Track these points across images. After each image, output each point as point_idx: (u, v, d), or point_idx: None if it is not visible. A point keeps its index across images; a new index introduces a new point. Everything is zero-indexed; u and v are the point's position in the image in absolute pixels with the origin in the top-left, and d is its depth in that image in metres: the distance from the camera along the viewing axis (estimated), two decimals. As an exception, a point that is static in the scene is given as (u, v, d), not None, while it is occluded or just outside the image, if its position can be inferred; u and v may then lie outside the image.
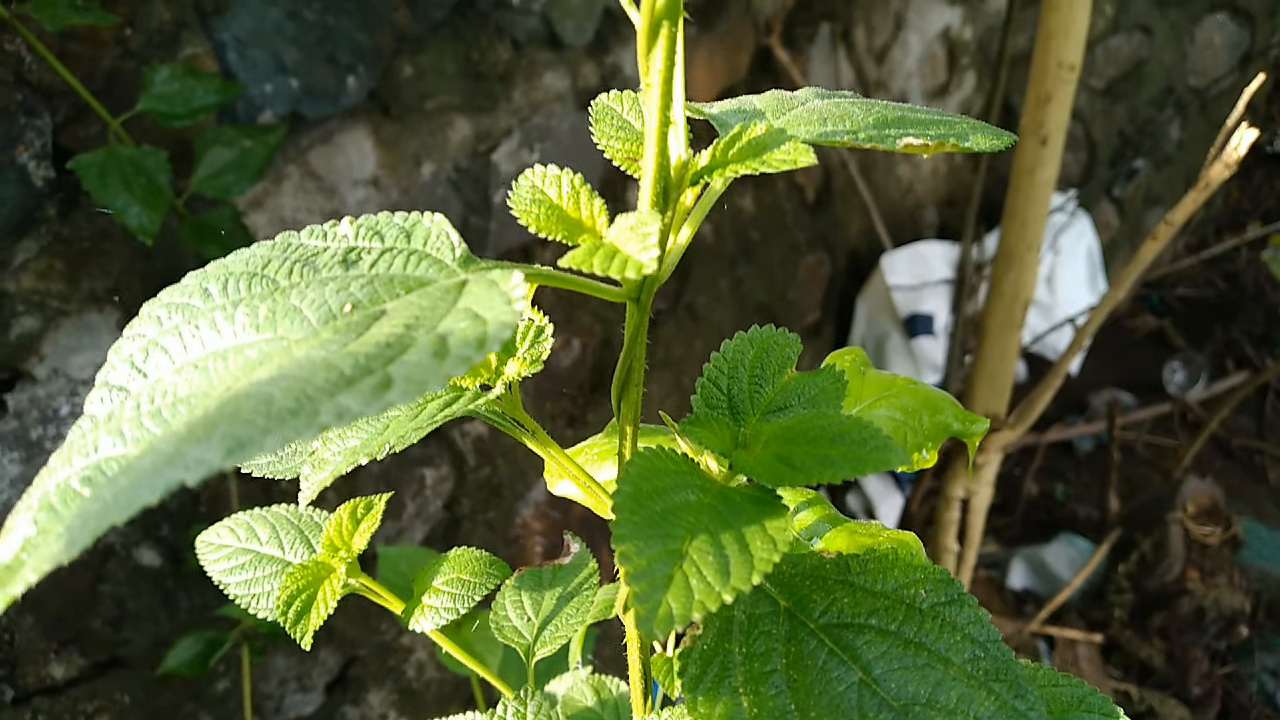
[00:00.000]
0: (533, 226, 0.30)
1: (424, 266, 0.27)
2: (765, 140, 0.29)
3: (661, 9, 0.26)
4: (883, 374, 0.51)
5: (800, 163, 0.28)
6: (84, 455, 0.23)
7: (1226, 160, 1.23)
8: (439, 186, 1.46)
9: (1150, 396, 2.97)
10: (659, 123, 0.28)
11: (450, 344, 0.22)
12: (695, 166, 0.30)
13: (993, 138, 0.33)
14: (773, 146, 0.29)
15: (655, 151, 0.28)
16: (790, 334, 0.36)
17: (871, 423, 0.30)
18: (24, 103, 1.05)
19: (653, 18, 0.26)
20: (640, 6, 0.26)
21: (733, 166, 0.29)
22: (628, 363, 0.33)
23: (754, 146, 0.29)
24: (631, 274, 0.26)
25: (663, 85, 0.27)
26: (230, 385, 0.22)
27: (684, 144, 0.30)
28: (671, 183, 0.30)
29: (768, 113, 0.35)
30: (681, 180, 0.30)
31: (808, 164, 0.28)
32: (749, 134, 0.30)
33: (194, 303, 0.26)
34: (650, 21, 0.26)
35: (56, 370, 1.15)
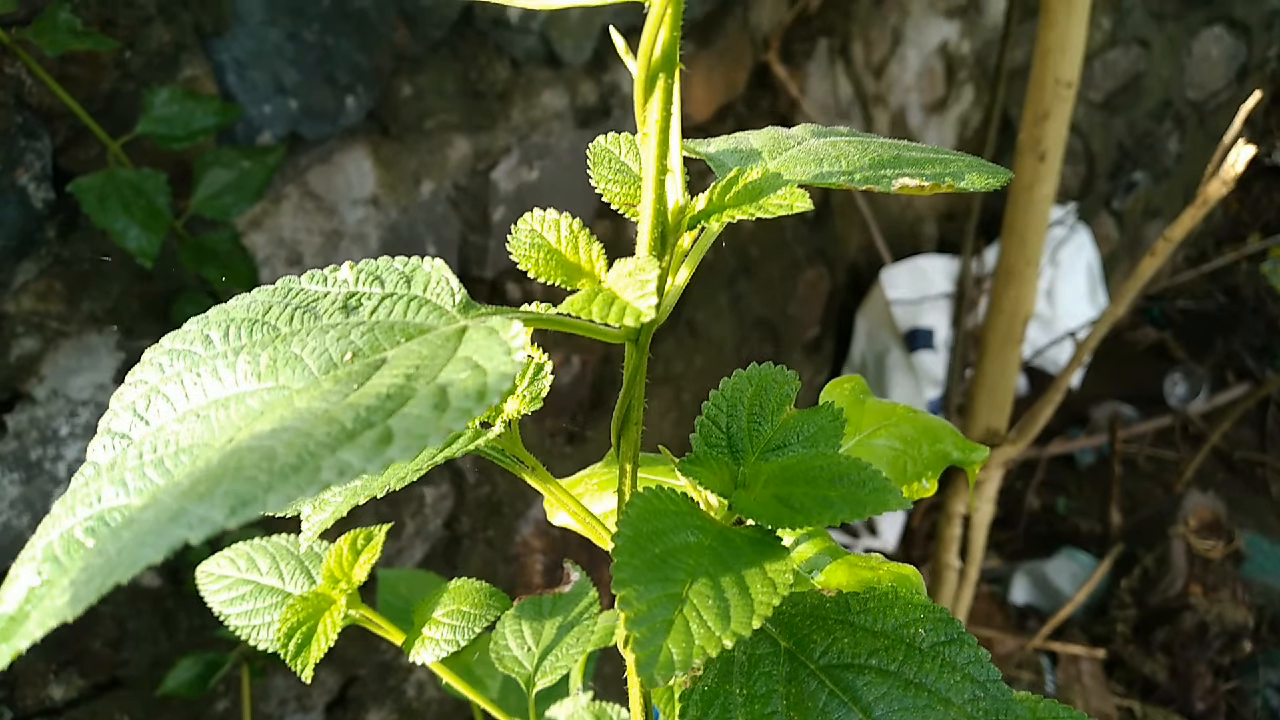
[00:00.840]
0: (531, 271, 0.31)
1: (424, 313, 0.27)
2: (761, 185, 0.29)
3: (658, 62, 0.26)
4: (882, 402, 0.51)
5: (796, 208, 0.28)
6: (87, 505, 0.23)
7: (1224, 177, 1.23)
8: (438, 205, 1.47)
9: (1151, 409, 2.97)
10: (656, 170, 0.28)
11: (450, 396, 0.22)
12: (692, 210, 0.30)
13: (988, 176, 0.33)
14: (769, 191, 0.29)
15: (653, 198, 0.29)
16: (788, 371, 0.37)
17: (870, 464, 0.30)
18: (24, 125, 1.06)
19: (649, 71, 0.26)
20: (637, 59, 0.26)
21: (729, 211, 0.29)
22: (627, 401, 0.33)
23: (750, 191, 0.29)
24: (630, 321, 0.26)
25: (659, 134, 0.27)
26: (232, 435, 0.22)
27: (681, 188, 0.30)
28: (669, 227, 0.30)
29: (764, 152, 0.35)
30: (679, 225, 0.30)
31: (804, 209, 0.28)
32: (745, 178, 0.30)
33: (196, 349, 0.26)
34: (646, 74, 0.26)
35: (56, 391, 1.15)
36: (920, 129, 2.60)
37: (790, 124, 1.55)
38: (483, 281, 1.59)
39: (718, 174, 0.34)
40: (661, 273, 0.30)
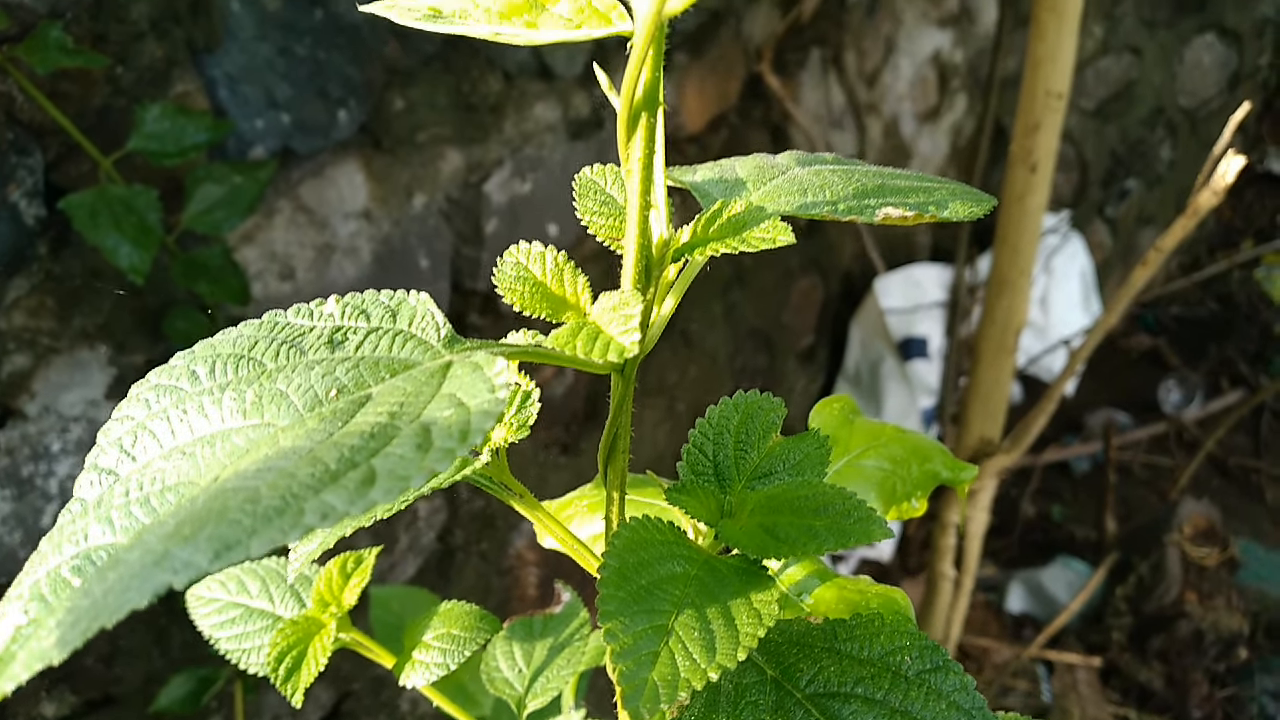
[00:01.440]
0: (517, 304, 0.31)
1: (409, 348, 0.27)
2: (745, 218, 0.29)
3: (640, 101, 0.26)
4: (871, 422, 0.52)
5: (779, 241, 0.28)
6: (74, 543, 0.23)
7: (1214, 187, 1.23)
8: (430, 217, 1.47)
9: (1146, 416, 2.98)
10: (640, 206, 0.28)
11: (434, 435, 0.22)
12: (677, 243, 0.31)
13: (971, 204, 0.33)
14: (752, 224, 0.29)
15: (636, 232, 0.29)
16: (774, 398, 0.37)
17: (854, 494, 0.30)
18: (15, 141, 1.06)
19: (631, 109, 0.26)
20: (620, 97, 0.26)
21: (713, 245, 0.29)
22: (613, 430, 0.33)
23: (734, 224, 0.29)
24: (614, 358, 0.26)
25: (643, 171, 0.27)
26: (217, 474, 0.22)
27: (665, 221, 0.31)
28: (653, 260, 0.30)
29: (749, 182, 0.35)
30: (663, 258, 0.30)
31: (786, 243, 0.28)
32: (729, 211, 0.30)
33: (182, 385, 0.26)
34: (629, 112, 0.26)
35: (48, 408, 1.15)
36: (913, 137, 2.61)
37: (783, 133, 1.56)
38: (475, 294, 1.59)
39: (702, 204, 0.35)
40: (646, 306, 0.30)
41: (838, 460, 0.48)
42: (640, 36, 0.25)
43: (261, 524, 0.19)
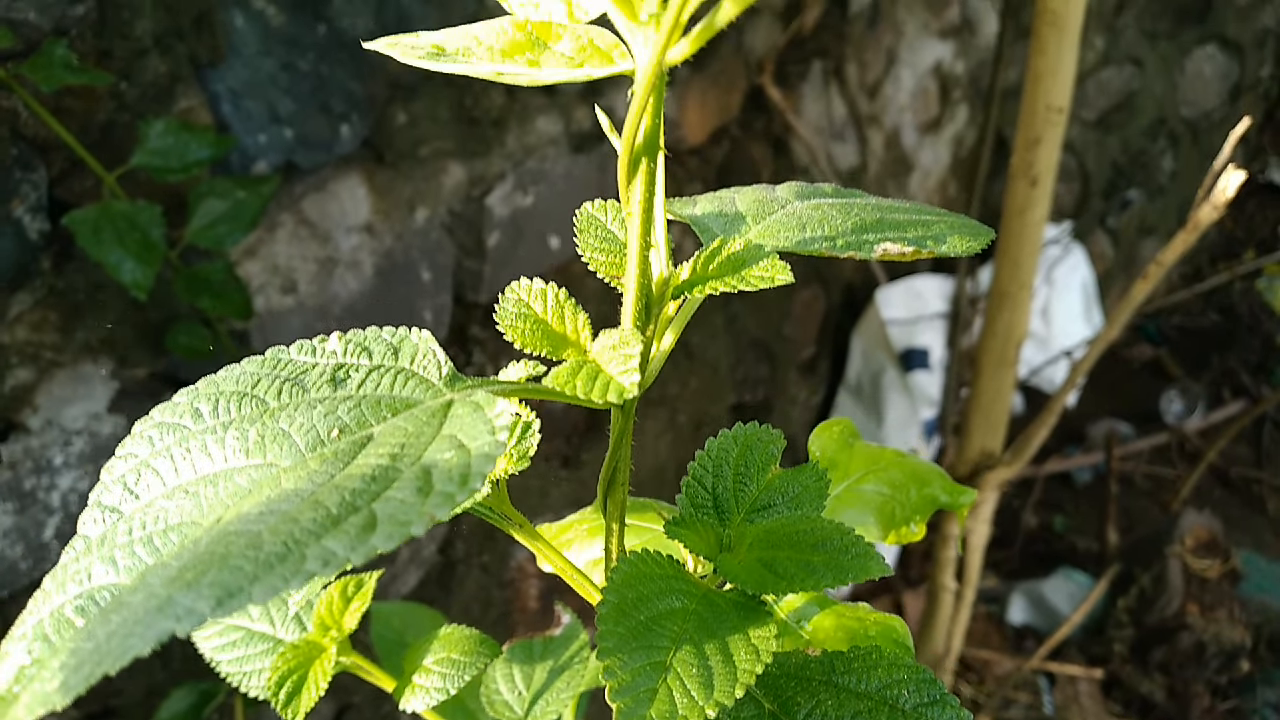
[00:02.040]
0: (518, 342, 0.31)
1: (410, 386, 0.28)
2: (743, 256, 0.30)
3: (640, 147, 0.26)
4: (870, 446, 0.52)
5: (778, 281, 0.28)
6: (77, 582, 0.23)
7: (1214, 202, 1.24)
8: (433, 231, 1.47)
9: (1148, 426, 2.98)
10: (640, 246, 0.28)
11: (434, 478, 0.22)
12: (676, 280, 0.31)
13: (969, 239, 0.34)
14: (751, 263, 0.29)
15: (637, 272, 0.29)
16: (773, 430, 0.37)
17: (852, 529, 0.31)
18: (19, 157, 1.06)
19: (632, 154, 0.27)
20: (621, 140, 0.27)
21: (712, 284, 0.30)
22: (613, 463, 0.34)
23: (732, 262, 0.30)
24: (613, 398, 0.26)
25: (643, 213, 0.28)
26: (220, 514, 0.23)
27: (665, 259, 0.31)
28: (653, 298, 0.30)
29: (748, 216, 0.35)
30: (663, 296, 0.30)
31: (785, 282, 0.28)
32: (727, 249, 0.30)
33: (185, 423, 0.27)
34: (630, 157, 0.27)
35: (50, 421, 1.16)
36: (915, 149, 2.61)
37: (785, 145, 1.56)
38: (478, 306, 1.60)
39: (702, 239, 0.35)
40: (645, 344, 0.30)
41: (838, 485, 0.49)
42: (641, 86, 0.25)
43: (263, 570, 0.20)
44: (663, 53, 0.25)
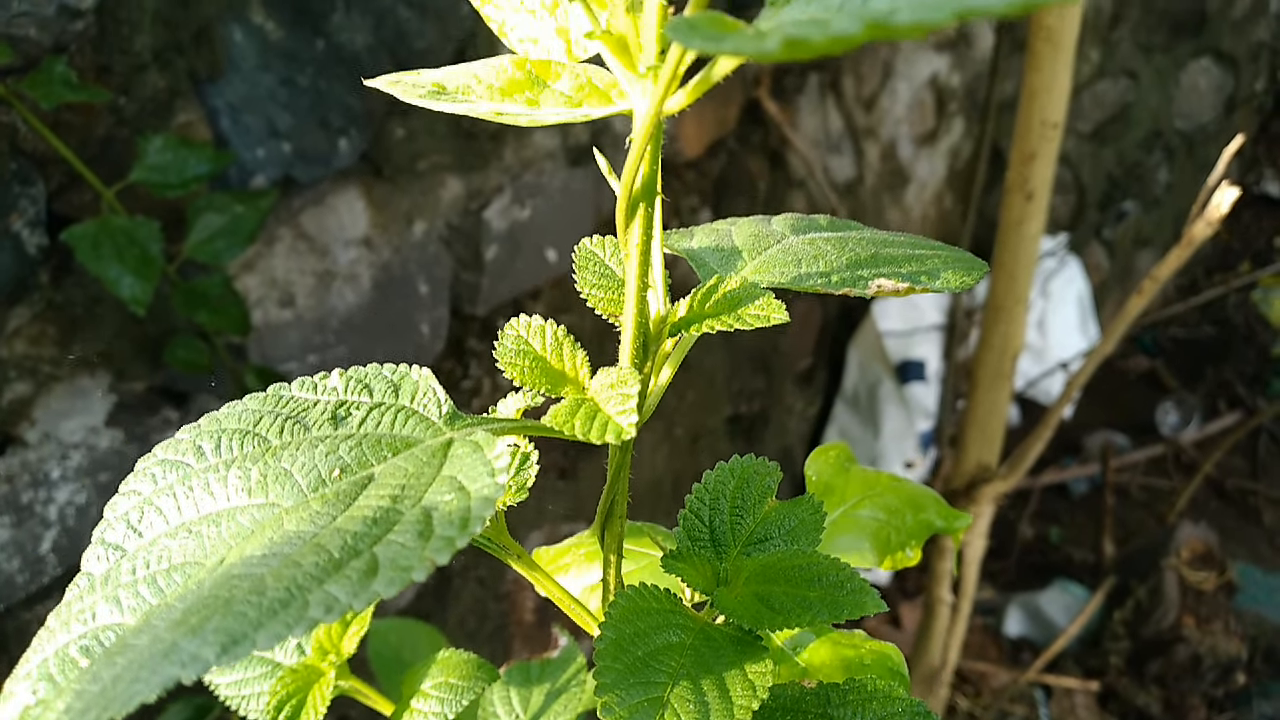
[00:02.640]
0: (517, 379, 0.31)
1: (411, 425, 0.28)
2: (739, 295, 0.30)
3: (638, 192, 0.27)
4: (866, 471, 0.52)
5: (773, 320, 0.29)
6: (82, 621, 0.23)
7: (1209, 218, 1.24)
8: (430, 244, 1.48)
9: (1144, 438, 2.98)
10: (637, 287, 0.29)
11: (435, 522, 0.23)
12: (674, 318, 0.31)
13: (963, 274, 0.34)
14: (746, 301, 0.30)
15: (634, 311, 0.29)
16: (770, 463, 0.37)
17: (847, 565, 0.31)
18: (18, 172, 1.06)
19: (630, 199, 0.27)
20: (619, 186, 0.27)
21: (709, 322, 0.30)
22: (611, 495, 0.34)
23: (729, 301, 0.30)
24: (611, 439, 0.26)
25: (640, 255, 0.28)
26: (224, 555, 0.23)
27: (663, 297, 0.31)
28: (651, 336, 0.31)
29: (744, 251, 0.36)
30: (660, 333, 0.31)
31: (780, 321, 0.29)
32: (724, 287, 0.30)
33: (188, 461, 0.27)
34: (628, 202, 0.27)
35: (48, 435, 1.16)
36: (911, 160, 2.62)
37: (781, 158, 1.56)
38: (475, 319, 1.60)
39: (699, 273, 0.35)
40: (643, 381, 0.31)
41: (834, 510, 0.49)
42: (639, 135, 0.26)
43: (267, 617, 0.20)
44: (661, 104, 0.25)
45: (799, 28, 0.15)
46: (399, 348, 1.48)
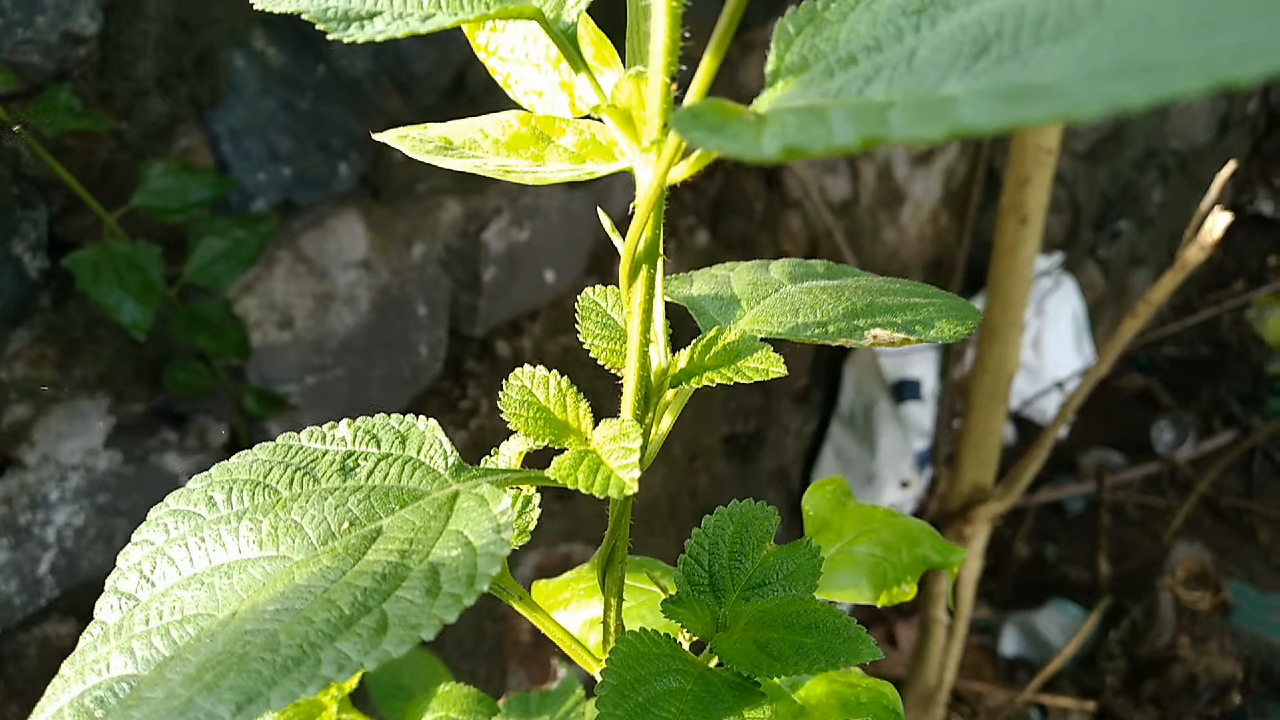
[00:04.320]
0: (522, 430, 0.32)
1: (418, 476, 0.28)
2: (738, 348, 0.31)
3: (641, 254, 0.27)
4: (863, 505, 0.53)
5: (771, 373, 0.29)
6: (96, 671, 0.24)
7: (1202, 243, 1.25)
8: (429, 266, 1.48)
9: (1139, 456, 2.99)
10: (639, 343, 0.29)
11: (442, 578, 0.23)
12: (675, 369, 0.32)
13: (956, 323, 0.35)
14: (745, 354, 0.30)
15: (636, 366, 0.30)
16: (768, 507, 0.38)
17: (843, 613, 0.31)
18: (20, 196, 1.07)
19: (633, 260, 0.28)
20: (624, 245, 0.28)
21: (708, 375, 0.31)
22: (612, 542, 0.34)
23: (728, 353, 0.31)
24: (614, 493, 0.27)
25: (642, 314, 0.29)
26: (235, 608, 0.23)
27: (664, 350, 0.32)
28: (652, 388, 0.31)
29: (743, 300, 0.37)
30: (662, 385, 0.32)
31: (778, 374, 0.29)
32: (723, 339, 0.31)
33: (199, 511, 0.28)
34: (631, 263, 0.28)
35: (47, 456, 1.16)
36: (906, 180, 2.63)
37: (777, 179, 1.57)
38: (473, 340, 1.61)
39: (699, 321, 0.36)
40: (645, 432, 0.31)
41: (831, 547, 0.50)
42: (642, 203, 0.26)
43: (281, 675, 0.20)
44: (663, 176, 0.26)
45: (798, 133, 0.16)
46: (397, 369, 1.49)
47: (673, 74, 0.26)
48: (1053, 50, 0.15)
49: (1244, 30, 0.12)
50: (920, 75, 0.16)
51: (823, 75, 0.20)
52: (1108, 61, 0.14)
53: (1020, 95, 0.14)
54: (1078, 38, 0.15)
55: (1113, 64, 0.14)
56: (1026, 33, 0.16)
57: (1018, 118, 0.14)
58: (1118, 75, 0.13)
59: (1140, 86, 0.13)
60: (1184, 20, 0.13)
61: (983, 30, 0.17)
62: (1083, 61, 0.14)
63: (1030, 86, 0.14)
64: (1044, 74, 0.14)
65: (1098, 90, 0.13)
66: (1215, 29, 0.13)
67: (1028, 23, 0.16)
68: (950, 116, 0.14)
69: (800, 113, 0.17)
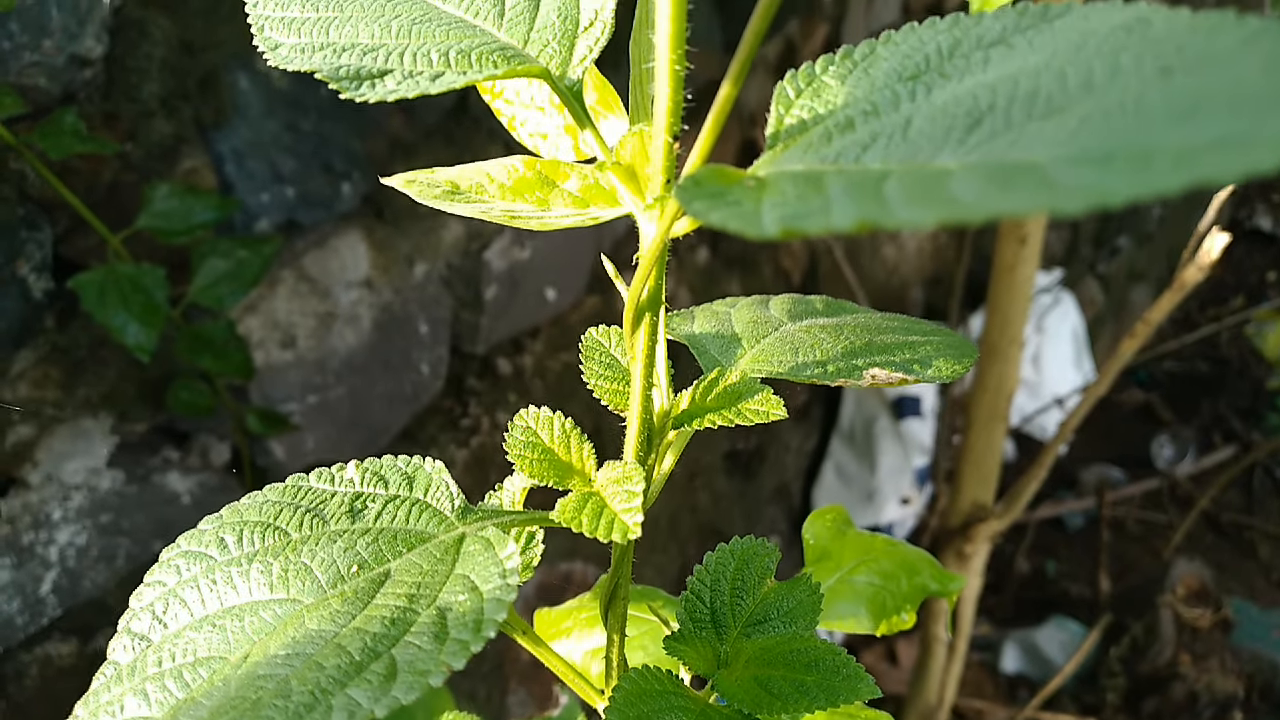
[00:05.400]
0: (526, 472, 0.32)
1: (425, 519, 0.29)
2: (739, 389, 0.31)
3: (644, 303, 0.28)
4: (862, 534, 0.53)
5: (772, 416, 0.30)
6: (110, 714, 0.24)
7: (1200, 263, 1.26)
8: (431, 285, 1.49)
9: (1139, 471, 2.99)
10: (642, 386, 0.30)
11: (449, 624, 0.24)
12: (677, 410, 0.32)
13: (954, 362, 0.35)
14: (746, 396, 0.31)
15: (639, 409, 0.31)
16: (769, 543, 0.38)
17: (842, 650, 0.32)
18: (25, 217, 1.08)
19: (637, 309, 0.28)
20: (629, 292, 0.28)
21: (710, 416, 0.31)
22: (614, 579, 0.35)
23: (729, 395, 0.31)
24: (617, 537, 0.27)
25: (645, 360, 0.29)
26: (247, 651, 0.24)
27: (666, 392, 0.32)
28: (654, 430, 0.32)
29: (743, 339, 0.37)
30: (664, 427, 0.32)
31: (778, 418, 0.30)
32: (724, 381, 0.32)
33: (211, 553, 0.28)
34: (634, 311, 0.28)
35: (50, 476, 1.16)
36: (906, 197, 2.64)
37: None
38: (474, 358, 1.61)
39: (699, 360, 0.36)
40: (647, 476, 0.32)
41: (831, 576, 0.50)
42: (646, 256, 0.27)
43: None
44: (666, 231, 0.26)
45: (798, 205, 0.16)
46: (399, 387, 1.50)
47: (675, 134, 0.26)
48: (1044, 127, 0.16)
49: (1223, 123, 0.13)
50: (915, 145, 0.17)
51: (821, 139, 0.20)
52: (1095, 144, 0.14)
53: (1010, 175, 0.14)
54: (1069, 115, 0.15)
55: (1099, 148, 0.14)
56: (1019, 107, 0.17)
57: (1006, 206, 0.14)
58: (1103, 162, 0.14)
59: (1122, 180, 0.13)
60: (1170, 106, 0.14)
61: (976, 103, 0.17)
62: (1071, 142, 0.15)
63: (1020, 165, 0.15)
64: (1034, 152, 0.15)
65: (1082, 180, 0.13)
66: (1197, 119, 0.13)
67: (1021, 97, 0.17)
68: (944, 194, 0.14)
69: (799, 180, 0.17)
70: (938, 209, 0.14)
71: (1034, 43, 0.19)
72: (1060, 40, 0.18)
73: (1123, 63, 0.16)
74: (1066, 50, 0.17)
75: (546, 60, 0.28)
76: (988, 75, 0.18)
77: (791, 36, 2.09)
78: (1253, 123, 0.13)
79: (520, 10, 0.29)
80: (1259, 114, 0.13)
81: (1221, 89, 0.13)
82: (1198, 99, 0.14)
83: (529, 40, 0.29)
